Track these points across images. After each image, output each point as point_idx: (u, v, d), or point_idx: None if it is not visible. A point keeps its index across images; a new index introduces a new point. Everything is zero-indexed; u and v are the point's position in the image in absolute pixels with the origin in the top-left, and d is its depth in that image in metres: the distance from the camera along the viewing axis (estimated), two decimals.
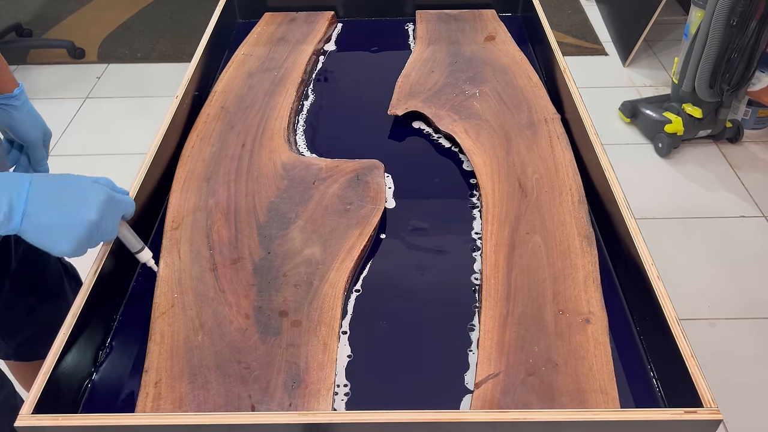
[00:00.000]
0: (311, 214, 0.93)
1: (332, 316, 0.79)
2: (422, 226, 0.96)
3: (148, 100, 2.82)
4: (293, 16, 1.48)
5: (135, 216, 0.90)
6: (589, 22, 3.36)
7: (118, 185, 0.79)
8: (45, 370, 0.67)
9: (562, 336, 0.76)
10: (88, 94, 2.83)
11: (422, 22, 1.44)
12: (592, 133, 0.99)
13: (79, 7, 3.57)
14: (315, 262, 0.86)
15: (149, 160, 0.96)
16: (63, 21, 3.44)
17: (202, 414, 0.64)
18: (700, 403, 0.64)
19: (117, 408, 0.72)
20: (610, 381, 0.71)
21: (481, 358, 0.74)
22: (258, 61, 1.30)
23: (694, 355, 0.67)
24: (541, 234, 0.89)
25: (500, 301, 0.80)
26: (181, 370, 0.73)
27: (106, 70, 3.02)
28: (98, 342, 0.78)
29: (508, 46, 1.34)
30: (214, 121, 1.13)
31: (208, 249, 0.88)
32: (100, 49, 3.18)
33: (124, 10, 3.53)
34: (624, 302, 0.84)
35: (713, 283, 1.91)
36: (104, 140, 2.55)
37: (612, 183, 0.89)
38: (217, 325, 0.78)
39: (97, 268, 0.78)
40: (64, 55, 3.08)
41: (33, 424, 0.63)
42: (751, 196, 2.20)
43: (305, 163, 1.03)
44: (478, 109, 1.14)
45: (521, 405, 0.69)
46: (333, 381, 0.72)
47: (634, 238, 0.81)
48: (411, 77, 1.24)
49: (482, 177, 0.99)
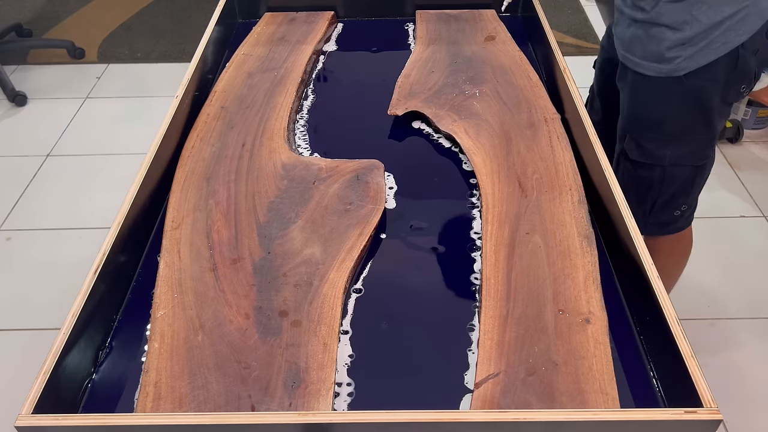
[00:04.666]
0: (311, 214, 0.93)
1: (332, 316, 0.79)
2: (422, 226, 0.96)
3: (148, 100, 2.82)
4: (293, 16, 1.47)
5: (135, 216, 0.90)
6: (589, 22, 3.36)
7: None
8: (45, 370, 0.67)
9: (562, 336, 0.76)
10: (88, 94, 2.83)
11: (422, 22, 1.44)
12: (592, 133, 0.99)
13: (79, 7, 3.57)
14: (315, 262, 0.86)
15: (149, 160, 0.96)
16: (63, 21, 3.44)
17: (202, 414, 0.64)
18: (700, 403, 0.64)
19: (117, 408, 0.72)
20: (610, 381, 0.71)
21: (481, 358, 0.74)
22: (258, 61, 1.30)
23: (694, 355, 0.67)
24: (541, 234, 0.89)
25: (500, 301, 0.80)
26: (181, 370, 0.73)
27: (106, 70, 3.01)
28: (98, 342, 0.78)
29: (508, 46, 1.34)
30: (214, 121, 1.13)
31: (208, 249, 0.88)
32: (100, 49, 3.18)
33: (124, 10, 3.53)
34: (624, 302, 0.84)
35: (713, 283, 1.91)
36: (104, 140, 2.55)
37: (612, 183, 0.89)
38: (217, 325, 0.78)
39: (97, 268, 0.78)
40: (64, 55, 3.07)
41: (33, 424, 0.63)
42: (751, 196, 2.20)
43: (305, 163, 1.03)
44: (478, 109, 1.14)
45: (521, 405, 0.69)
46: (333, 381, 0.72)
47: (634, 238, 0.81)
48: (411, 77, 1.24)
49: (482, 177, 0.99)
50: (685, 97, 1.14)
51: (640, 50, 1.14)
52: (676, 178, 1.21)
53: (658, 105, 1.16)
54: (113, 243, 0.82)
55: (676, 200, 1.25)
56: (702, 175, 1.24)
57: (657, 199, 1.24)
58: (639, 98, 1.19)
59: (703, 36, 1.07)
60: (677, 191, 1.24)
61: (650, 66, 1.13)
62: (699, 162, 1.21)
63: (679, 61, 1.09)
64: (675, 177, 1.21)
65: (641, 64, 1.15)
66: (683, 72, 1.10)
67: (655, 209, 1.25)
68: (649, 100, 1.17)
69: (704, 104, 1.14)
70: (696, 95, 1.13)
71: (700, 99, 1.14)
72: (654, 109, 1.17)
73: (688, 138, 1.18)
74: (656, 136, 1.18)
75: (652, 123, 1.18)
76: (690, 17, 1.06)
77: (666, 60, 1.10)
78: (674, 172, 1.21)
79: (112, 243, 0.82)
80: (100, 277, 0.78)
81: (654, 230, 1.31)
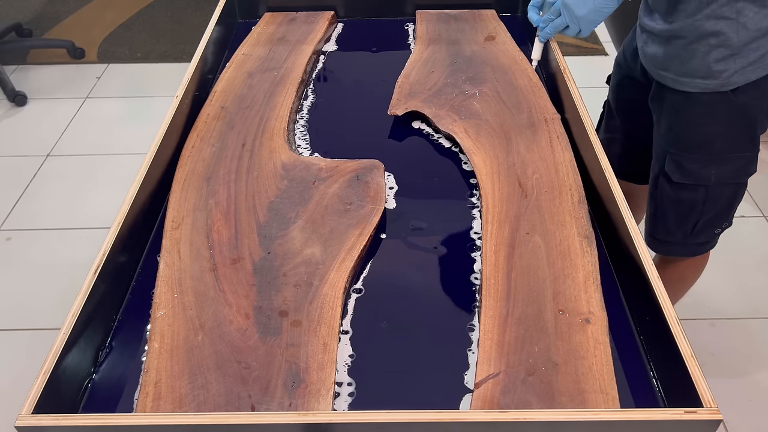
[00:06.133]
0: (311, 214, 0.93)
1: (332, 316, 0.79)
2: (422, 226, 0.96)
3: (148, 100, 2.82)
4: (293, 16, 1.47)
5: (135, 216, 0.90)
6: None
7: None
8: (45, 370, 0.67)
9: (562, 336, 0.76)
10: (88, 94, 2.83)
11: (422, 22, 1.44)
12: (592, 133, 0.99)
13: (79, 7, 3.57)
14: (315, 262, 0.86)
15: (149, 160, 0.96)
16: (63, 21, 3.44)
17: (202, 414, 0.64)
18: (700, 403, 0.64)
19: (117, 408, 0.72)
20: (610, 381, 0.71)
21: (481, 358, 0.74)
22: (258, 61, 1.30)
23: (694, 355, 0.67)
24: (541, 234, 0.89)
25: (500, 301, 0.80)
26: (181, 370, 0.73)
27: (106, 70, 3.01)
28: (98, 342, 0.78)
29: (508, 46, 1.34)
30: (214, 121, 1.13)
31: (208, 249, 0.88)
32: (100, 49, 3.18)
33: (124, 10, 3.53)
34: (624, 302, 0.84)
35: (713, 283, 1.91)
36: (104, 140, 2.55)
37: (612, 183, 0.89)
38: (217, 325, 0.78)
39: (97, 268, 0.78)
40: (64, 55, 3.07)
41: (33, 424, 0.63)
42: (751, 196, 2.20)
43: (305, 163, 1.03)
44: (478, 109, 1.14)
45: (521, 405, 0.69)
46: (333, 381, 0.72)
47: (634, 238, 0.81)
48: (411, 77, 1.24)
49: (482, 177, 0.99)
50: (731, 115, 1.08)
51: (680, 67, 1.07)
52: (719, 197, 1.16)
53: (702, 124, 1.10)
54: (113, 243, 0.82)
55: (719, 219, 1.20)
56: (743, 191, 1.19)
57: (699, 220, 1.19)
58: (680, 118, 1.12)
59: (754, 47, 1.00)
60: (720, 210, 1.19)
61: (694, 82, 1.06)
62: (743, 179, 1.16)
63: (727, 75, 1.03)
64: (718, 196, 1.16)
65: (682, 81, 1.08)
66: (732, 87, 1.04)
67: (696, 230, 1.20)
68: (693, 119, 1.11)
69: (751, 121, 1.09)
70: (743, 112, 1.08)
71: (747, 116, 1.08)
72: (698, 130, 1.11)
73: (732, 156, 1.12)
74: (701, 156, 1.12)
75: (695, 144, 1.12)
76: (736, 25, 0.99)
77: (713, 74, 1.04)
78: (718, 191, 1.15)
79: (112, 243, 0.82)
80: (100, 277, 0.78)
81: (692, 251, 1.26)
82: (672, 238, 1.23)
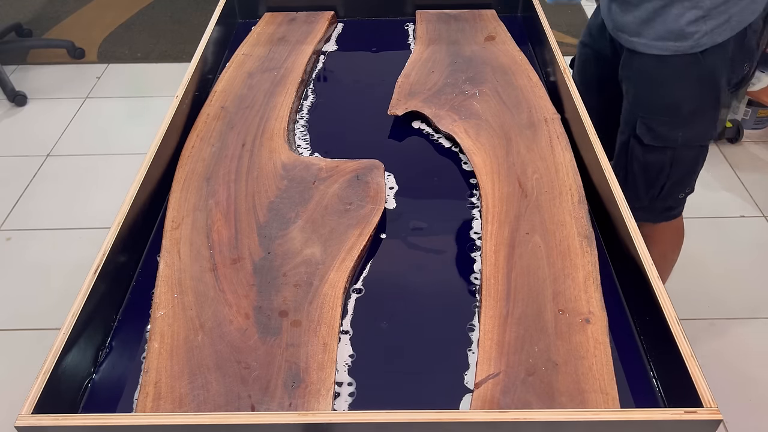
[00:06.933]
0: (311, 214, 0.93)
1: (332, 316, 0.79)
2: (422, 226, 0.96)
3: (148, 100, 2.82)
4: (293, 16, 1.47)
5: (135, 216, 0.90)
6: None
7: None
8: (45, 370, 0.67)
9: (562, 336, 0.76)
10: (88, 94, 2.83)
11: (422, 22, 1.44)
12: (592, 133, 0.99)
13: (79, 7, 3.57)
14: (315, 262, 0.86)
15: (149, 160, 0.96)
16: (63, 21, 3.44)
17: (202, 414, 0.64)
18: (700, 403, 0.64)
19: (117, 408, 0.72)
20: (610, 381, 0.71)
21: (481, 358, 0.74)
22: (258, 61, 1.30)
23: (694, 355, 0.67)
24: (541, 234, 0.89)
25: (500, 301, 0.80)
26: (181, 370, 0.73)
27: (106, 70, 3.01)
28: (98, 342, 0.78)
29: (508, 46, 1.34)
30: (214, 121, 1.13)
31: (208, 249, 0.88)
32: (100, 49, 3.18)
33: (124, 10, 3.53)
34: (624, 302, 0.84)
35: (713, 283, 1.91)
36: (104, 140, 2.55)
37: (612, 183, 0.89)
38: (217, 325, 0.78)
39: (97, 268, 0.78)
40: (64, 55, 3.07)
41: (33, 424, 0.63)
42: (751, 196, 2.20)
43: (305, 163, 1.03)
44: (478, 109, 1.14)
45: (521, 405, 0.69)
46: (333, 381, 0.72)
47: (634, 238, 0.81)
48: (411, 77, 1.24)
49: (482, 177, 0.99)
50: (701, 76, 1.15)
51: (653, 31, 1.14)
52: (685, 160, 1.24)
53: (672, 87, 1.17)
54: (113, 243, 0.82)
55: (683, 182, 1.28)
56: (704, 155, 1.27)
57: (666, 183, 1.26)
58: (652, 82, 1.19)
59: (723, 9, 1.08)
60: (685, 173, 1.26)
61: (666, 45, 1.13)
62: (705, 142, 1.24)
63: (698, 36, 1.10)
64: (684, 158, 1.23)
65: (655, 45, 1.14)
66: (701, 48, 1.11)
67: (663, 193, 1.28)
68: (664, 82, 1.18)
69: (716, 83, 1.16)
70: (710, 74, 1.15)
71: (714, 77, 1.15)
72: (668, 92, 1.18)
73: (698, 118, 1.19)
74: (669, 118, 1.19)
75: (666, 105, 1.19)
76: None
77: (685, 36, 1.11)
78: (684, 153, 1.23)
79: (112, 243, 0.82)
80: (100, 277, 0.78)
81: (659, 216, 1.33)
82: (639, 204, 1.30)
